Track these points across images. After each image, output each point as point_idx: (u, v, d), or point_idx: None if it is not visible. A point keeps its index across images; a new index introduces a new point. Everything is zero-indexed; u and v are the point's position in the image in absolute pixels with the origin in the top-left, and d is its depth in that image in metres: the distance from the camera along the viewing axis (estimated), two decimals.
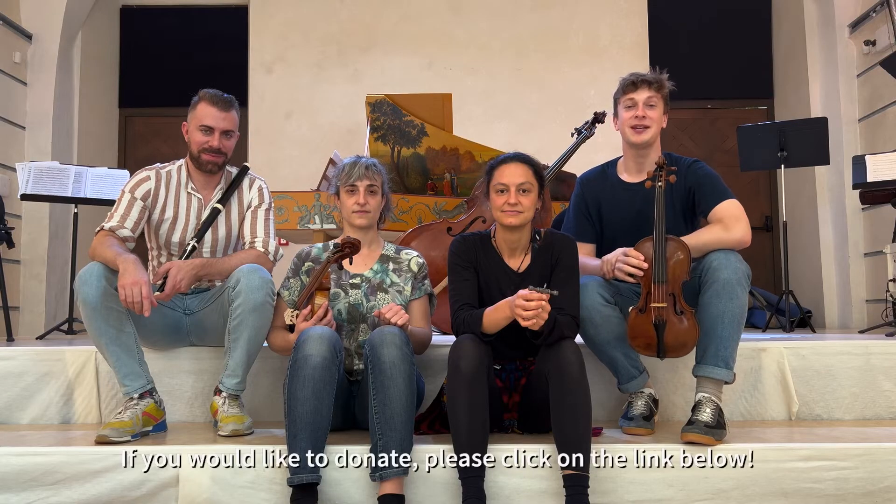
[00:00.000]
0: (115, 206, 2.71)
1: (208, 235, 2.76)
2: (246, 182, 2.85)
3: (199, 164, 2.76)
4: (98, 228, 2.67)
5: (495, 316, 2.28)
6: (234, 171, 2.86)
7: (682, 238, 2.47)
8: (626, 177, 2.73)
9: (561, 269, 2.43)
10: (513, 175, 2.39)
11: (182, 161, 2.85)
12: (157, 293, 2.49)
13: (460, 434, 2.16)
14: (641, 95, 2.64)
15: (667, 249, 2.41)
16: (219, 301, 2.66)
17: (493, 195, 2.42)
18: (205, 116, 2.72)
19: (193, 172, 2.80)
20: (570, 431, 2.16)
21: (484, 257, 2.47)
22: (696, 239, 2.50)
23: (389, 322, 2.29)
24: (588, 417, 2.18)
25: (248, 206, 2.82)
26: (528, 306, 2.15)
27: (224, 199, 2.77)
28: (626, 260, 2.43)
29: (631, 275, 2.42)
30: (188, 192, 2.79)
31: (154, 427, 2.53)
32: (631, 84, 2.67)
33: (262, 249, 2.76)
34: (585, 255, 2.67)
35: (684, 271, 2.42)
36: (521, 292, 2.18)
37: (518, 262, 2.47)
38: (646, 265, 2.41)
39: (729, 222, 2.50)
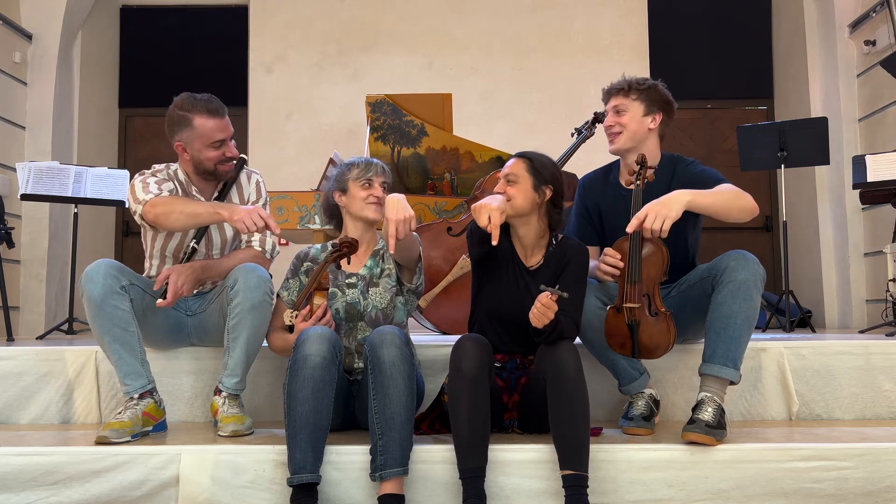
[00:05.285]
0: (140, 188, 2.61)
1: (216, 236, 2.75)
2: (244, 176, 2.83)
3: (217, 176, 2.72)
4: (142, 201, 2.57)
5: None
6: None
7: (700, 192, 2.40)
8: (623, 180, 2.73)
9: (569, 272, 2.44)
10: (506, 167, 2.50)
11: (175, 165, 2.78)
12: (160, 300, 2.49)
13: (461, 434, 2.16)
14: (611, 104, 2.68)
15: (643, 249, 2.41)
16: (219, 301, 2.66)
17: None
18: (212, 132, 2.64)
19: (195, 180, 2.76)
20: (569, 431, 2.16)
21: (503, 246, 2.49)
22: (714, 196, 2.41)
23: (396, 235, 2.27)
24: (586, 417, 2.18)
25: (248, 201, 2.81)
26: (537, 305, 2.18)
27: (222, 196, 2.75)
28: (603, 259, 2.44)
29: (611, 274, 2.42)
30: (193, 196, 2.75)
31: (154, 427, 2.53)
32: (605, 95, 2.73)
33: (259, 248, 2.76)
34: None
35: (659, 272, 2.40)
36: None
37: (531, 259, 2.51)
38: (621, 264, 2.41)
39: (739, 191, 2.46)
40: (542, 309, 2.17)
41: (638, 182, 2.45)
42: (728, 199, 2.43)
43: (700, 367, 2.42)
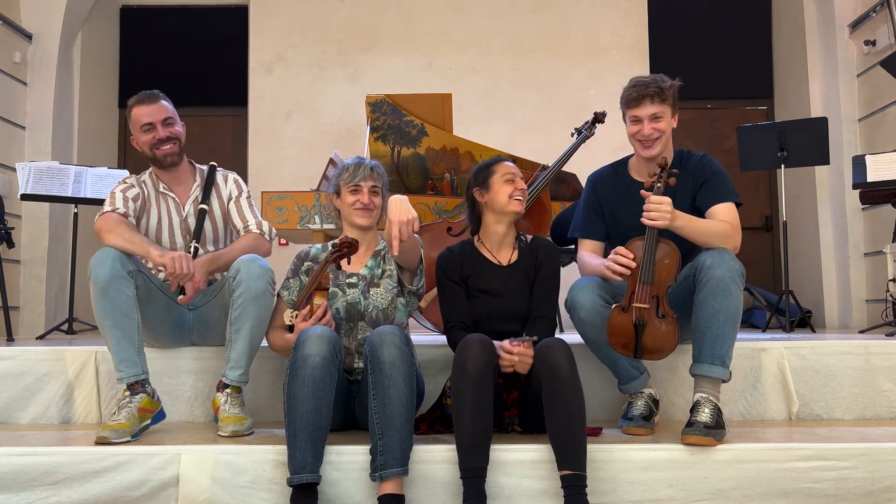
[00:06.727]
0: (108, 200, 2.75)
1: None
2: (220, 177, 2.91)
3: (162, 163, 2.81)
4: (100, 213, 2.69)
5: None
6: (204, 169, 2.92)
7: (687, 215, 2.45)
8: (636, 176, 2.70)
9: (544, 270, 2.56)
10: (516, 172, 2.61)
11: (150, 170, 2.90)
12: (181, 297, 2.58)
13: (464, 434, 2.16)
14: (645, 112, 2.56)
15: (657, 251, 2.41)
16: (220, 295, 2.69)
17: (504, 185, 2.57)
18: (140, 117, 2.78)
19: (161, 175, 2.87)
20: (565, 431, 2.16)
21: (471, 262, 2.59)
22: (706, 227, 2.47)
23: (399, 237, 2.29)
24: (582, 417, 2.18)
25: (229, 199, 2.89)
26: (508, 359, 2.27)
27: (205, 199, 2.84)
28: (616, 258, 2.43)
29: (620, 274, 2.42)
30: (162, 193, 2.85)
31: (153, 419, 2.52)
32: (634, 100, 2.58)
33: (257, 231, 2.81)
34: (591, 251, 2.68)
35: (671, 275, 2.42)
36: (503, 344, 2.29)
37: (502, 256, 2.61)
38: (633, 264, 2.40)
39: (732, 226, 2.50)
40: (524, 358, 2.27)
41: (659, 185, 2.43)
42: (709, 236, 2.47)
43: (690, 367, 2.43)
